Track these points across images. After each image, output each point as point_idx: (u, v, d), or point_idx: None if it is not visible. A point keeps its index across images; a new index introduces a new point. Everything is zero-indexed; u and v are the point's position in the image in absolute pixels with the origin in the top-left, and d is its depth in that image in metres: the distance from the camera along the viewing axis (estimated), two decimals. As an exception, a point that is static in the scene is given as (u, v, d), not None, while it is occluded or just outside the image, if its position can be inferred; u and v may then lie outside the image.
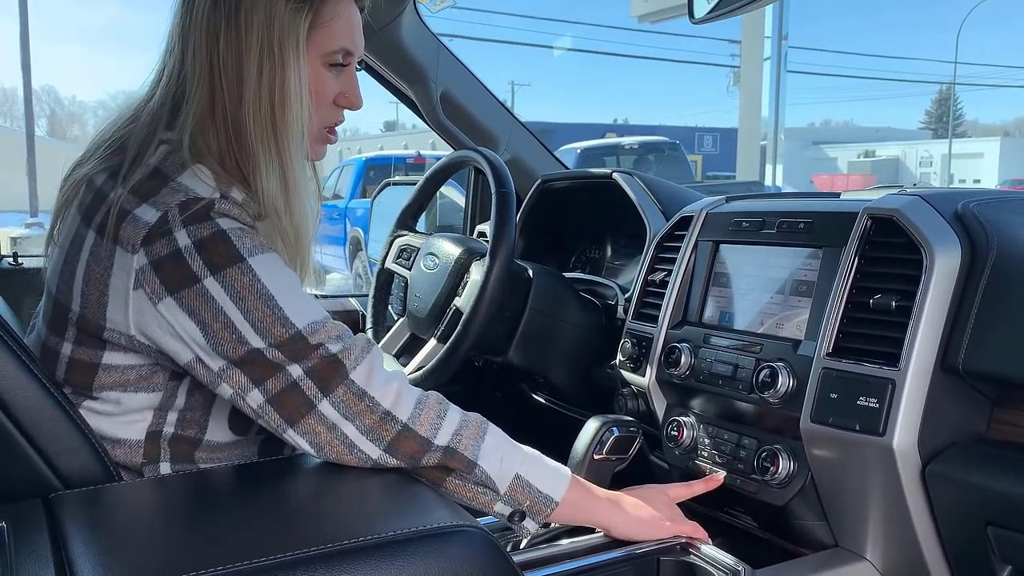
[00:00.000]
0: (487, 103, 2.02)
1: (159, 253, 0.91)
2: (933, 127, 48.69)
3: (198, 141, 0.97)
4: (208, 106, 0.98)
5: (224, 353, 0.91)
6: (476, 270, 1.54)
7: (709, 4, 1.45)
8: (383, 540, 0.78)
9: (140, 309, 0.92)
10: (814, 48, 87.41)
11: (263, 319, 0.91)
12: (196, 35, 0.97)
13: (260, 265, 0.92)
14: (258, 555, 0.73)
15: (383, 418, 0.94)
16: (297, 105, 0.98)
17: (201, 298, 0.90)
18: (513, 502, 1.01)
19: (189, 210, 0.91)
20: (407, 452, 0.95)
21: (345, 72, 1.06)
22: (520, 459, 1.01)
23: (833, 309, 1.13)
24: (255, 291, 0.91)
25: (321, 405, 0.92)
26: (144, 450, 0.99)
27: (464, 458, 0.98)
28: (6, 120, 41.23)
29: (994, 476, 1.00)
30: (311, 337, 0.92)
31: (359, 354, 0.95)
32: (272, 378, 0.91)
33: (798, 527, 1.21)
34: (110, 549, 0.80)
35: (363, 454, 0.94)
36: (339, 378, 0.93)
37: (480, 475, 0.99)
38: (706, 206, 1.42)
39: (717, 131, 28.31)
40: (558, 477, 1.04)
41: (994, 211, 1.10)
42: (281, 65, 0.97)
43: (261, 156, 0.97)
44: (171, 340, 0.93)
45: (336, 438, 0.93)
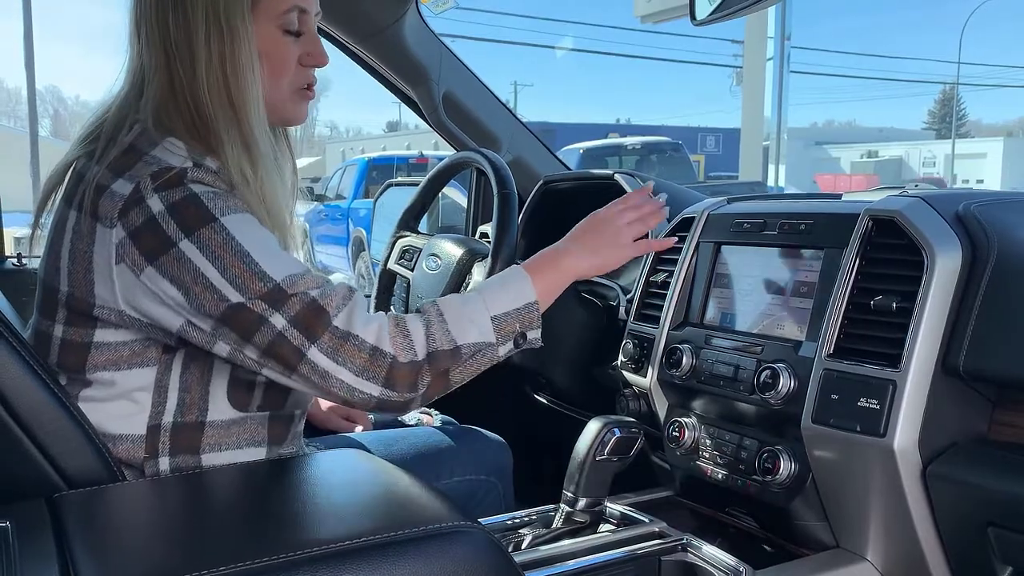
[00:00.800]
0: (489, 104, 2.02)
1: (135, 223, 0.92)
2: (936, 127, 48.62)
3: (164, 121, 1.00)
4: (167, 87, 1.00)
5: (209, 312, 0.93)
6: (478, 271, 1.54)
7: (711, 6, 1.45)
8: (384, 541, 0.78)
9: (126, 283, 0.94)
10: (817, 48, 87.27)
11: (240, 275, 0.92)
12: (148, 21, 1.00)
13: (233, 224, 0.94)
14: (260, 556, 0.74)
15: (372, 354, 0.95)
16: (250, 74, 1.01)
17: (178, 262, 0.92)
18: (507, 336, 1.04)
19: (161, 178, 0.93)
20: (405, 381, 0.97)
21: (305, 33, 1.07)
22: (483, 305, 1.03)
23: (834, 310, 1.13)
24: (230, 248, 0.92)
25: (310, 352, 0.94)
26: (146, 444, 0.99)
27: (446, 352, 0.99)
28: (10, 120, 41.32)
29: (995, 477, 1.00)
30: (290, 288, 0.94)
31: (340, 300, 0.96)
32: (259, 332, 0.93)
33: (799, 528, 1.21)
34: (113, 549, 0.80)
35: (364, 394, 0.96)
36: (323, 324, 0.94)
37: (468, 349, 1.00)
38: (708, 207, 1.42)
39: (720, 131, 28.26)
40: (520, 282, 1.07)
41: (995, 212, 1.10)
42: (230, 37, 0.99)
43: (222, 128, 0.99)
44: (160, 308, 0.94)
45: (333, 384, 0.95)
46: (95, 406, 0.99)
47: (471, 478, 1.39)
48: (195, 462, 1.01)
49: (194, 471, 1.01)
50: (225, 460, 1.02)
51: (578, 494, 1.22)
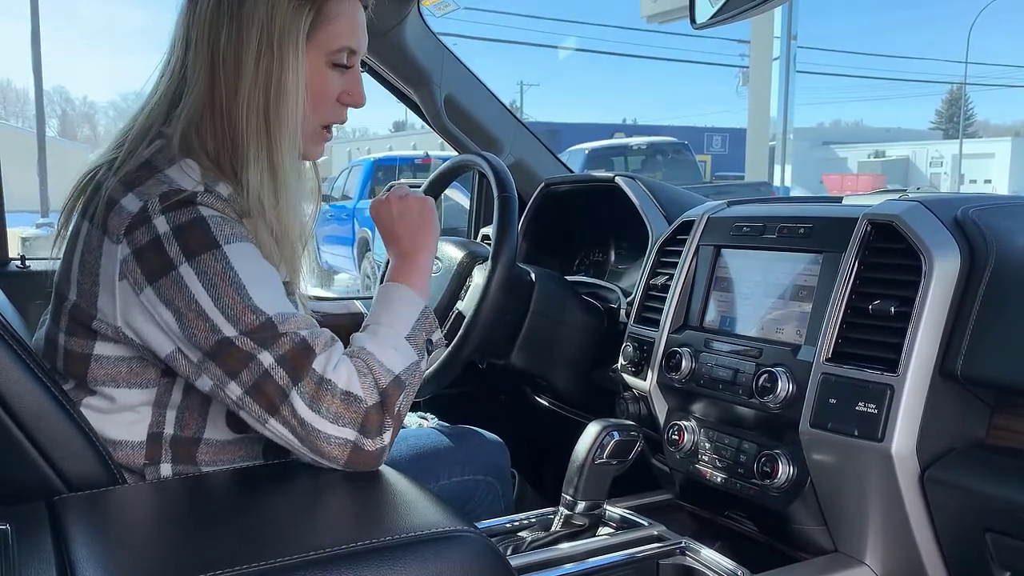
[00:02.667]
0: (491, 107, 2.03)
1: (140, 242, 0.92)
2: (944, 127, 48.43)
3: (191, 135, 0.99)
4: (207, 100, 0.99)
5: (198, 344, 0.92)
6: (478, 274, 1.54)
7: (712, 8, 1.45)
8: (381, 544, 0.78)
9: (125, 300, 0.94)
10: (823, 48, 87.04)
11: (233, 306, 0.91)
12: (199, 31, 0.99)
13: (234, 252, 0.93)
14: (258, 559, 0.74)
15: (344, 398, 0.94)
16: (293, 102, 1.00)
17: (176, 286, 0.91)
18: (421, 349, 1.04)
19: (169, 200, 0.93)
20: (374, 425, 0.95)
21: (349, 71, 1.07)
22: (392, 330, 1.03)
23: (833, 314, 1.13)
24: (227, 278, 0.92)
25: (292, 396, 0.92)
26: (146, 451, 1.00)
27: (392, 383, 0.98)
28: (18, 121, 41.48)
29: (993, 482, 1.00)
30: (281, 325, 0.93)
31: (324, 343, 0.95)
32: (246, 369, 0.92)
33: (797, 532, 1.21)
34: (112, 552, 0.81)
35: (340, 439, 0.93)
36: (307, 364, 0.93)
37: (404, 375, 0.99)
38: (708, 210, 1.42)
39: (726, 131, 28.22)
40: (402, 296, 1.07)
41: (993, 217, 1.10)
42: (279, 61, 0.98)
43: (252, 150, 0.98)
44: (154, 330, 0.94)
45: (311, 433, 0.93)
46: (97, 415, 1.00)
47: (469, 478, 1.39)
48: (195, 471, 1.02)
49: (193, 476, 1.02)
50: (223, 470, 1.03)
51: (577, 497, 1.23)
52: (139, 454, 1.00)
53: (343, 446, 0.94)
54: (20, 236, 8.31)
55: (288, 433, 0.94)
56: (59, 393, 0.95)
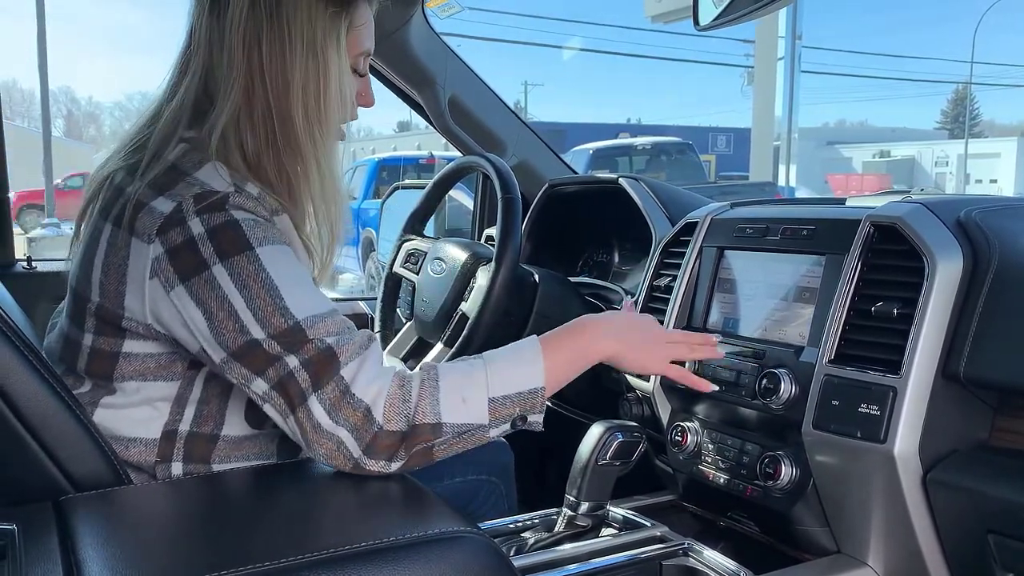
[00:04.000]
0: (495, 108, 2.03)
1: (174, 242, 0.93)
2: (949, 127, 48.31)
3: (230, 138, 1.00)
4: (245, 105, 1.00)
5: (225, 344, 0.93)
6: (482, 275, 1.55)
7: (716, 10, 1.45)
8: (386, 545, 0.79)
9: (155, 297, 0.95)
10: (828, 48, 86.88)
11: (264, 308, 0.92)
12: (232, 36, 0.99)
13: (267, 255, 0.94)
14: (263, 560, 0.74)
15: (365, 415, 0.93)
16: (338, 103, 1.03)
17: (208, 286, 0.92)
18: (503, 420, 0.98)
19: (204, 201, 0.94)
20: (382, 451, 0.93)
21: (365, 74, 1.11)
22: (484, 382, 0.97)
23: (835, 316, 1.13)
24: (259, 280, 0.93)
25: (310, 400, 0.92)
26: (159, 448, 1.01)
27: (428, 426, 0.94)
28: (24, 121, 41.57)
29: (995, 484, 1.00)
30: (309, 330, 0.93)
31: (355, 350, 0.95)
32: (271, 368, 0.93)
33: (800, 533, 1.21)
34: (119, 552, 0.81)
35: (347, 451, 0.93)
36: (331, 372, 0.93)
37: (450, 428, 0.95)
38: (711, 212, 1.43)
39: (731, 131, 28.19)
40: (530, 363, 0.99)
41: (996, 219, 1.11)
42: (324, 65, 1.01)
43: (308, 152, 1.02)
44: (181, 329, 0.96)
45: (323, 436, 0.93)
46: (114, 412, 1.01)
47: (473, 478, 1.39)
48: (206, 470, 1.02)
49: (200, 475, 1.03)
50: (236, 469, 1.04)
51: (580, 498, 1.23)
52: (152, 451, 1.01)
53: (348, 459, 0.94)
54: (26, 236, 8.34)
55: (299, 432, 0.95)
56: (66, 394, 0.95)
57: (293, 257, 0.99)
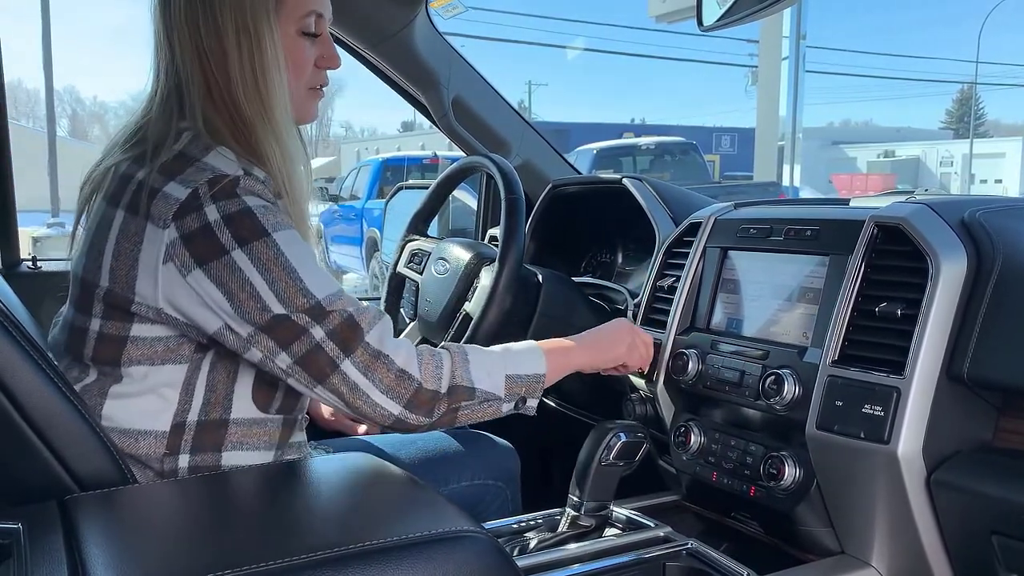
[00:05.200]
0: (499, 108, 2.03)
1: (190, 227, 0.96)
2: (954, 127, 48.17)
3: (211, 124, 1.04)
4: (205, 91, 1.05)
5: (251, 319, 0.97)
6: (485, 275, 1.55)
7: (720, 10, 1.45)
8: (389, 545, 0.79)
9: (169, 281, 0.98)
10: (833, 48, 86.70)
11: (286, 289, 0.97)
12: (179, 28, 1.05)
13: (283, 240, 0.99)
14: (268, 559, 0.75)
15: (399, 376, 1.02)
16: (276, 74, 1.06)
17: (228, 269, 0.96)
18: (513, 396, 1.12)
19: (217, 186, 0.97)
20: (423, 406, 1.04)
21: (320, 36, 1.13)
22: (501, 362, 1.12)
23: (839, 316, 1.13)
24: (279, 263, 0.98)
25: (344, 365, 0.99)
26: (168, 440, 1.02)
27: (464, 388, 1.07)
28: (29, 121, 41.65)
29: (999, 485, 1.00)
30: (329, 305, 0.99)
31: (373, 319, 1.02)
32: (297, 341, 0.98)
33: (804, 533, 1.21)
34: (123, 551, 0.82)
35: (384, 411, 1.02)
36: (357, 339, 1.00)
37: (481, 395, 1.08)
38: (715, 212, 1.43)
39: (735, 131, 28.13)
40: (533, 355, 1.16)
41: (1000, 219, 1.10)
42: (257, 39, 1.04)
43: (260, 128, 1.05)
44: (200, 310, 0.98)
45: (359, 397, 1.01)
46: (124, 403, 1.02)
47: (479, 483, 1.40)
48: (214, 460, 1.04)
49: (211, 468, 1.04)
50: (242, 460, 1.05)
51: (584, 498, 1.23)
52: (160, 444, 1.02)
53: (386, 417, 1.03)
54: (31, 236, 8.35)
55: (335, 398, 1.01)
56: (70, 393, 0.96)
57: (303, 240, 1.03)
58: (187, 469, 1.03)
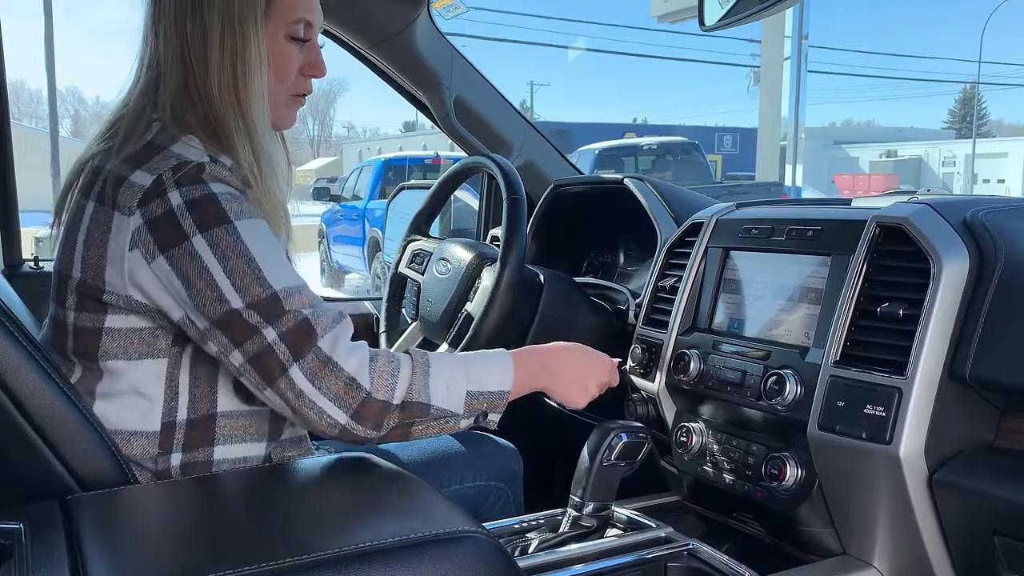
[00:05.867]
0: (500, 108, 2.03)
1: (154, 213, 0.97)
2: (957, 127, 48.13)
3: (179, 116, 1.04)
4: (182, 83, 1.05)
5: (206, 313, 0.97)
6: (487, 276, 1.55)
7: (722, 10, 1.45)
8: (391, 545, 0.79)
9: (134, 268, 0.98)
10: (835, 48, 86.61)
11: (242, 278, 0.96)
12: (166, 19, 1.05)
13: (245, 228, 0.98)
14: (269, 559, 0.75)
15: (348, 383, 0.99)
16: (258, 75, 1.06)
17: (188, 256, 0.96)
18: (472, 413, 1.09)
19: (181, 171, 0.98)
20: (371, 418, 1.00)
21: (308, 43, 1.13)
22: (464, 376, 1.08)
23: (841, 317, 1.13)
24: (237, 251, 0.97)
25: (292, 370, 0.97)
26: (160, 440, 1.02)
27: (419, 404, 1.03)
28: (31, 121, 41.69)
29: (1001, 485, 0.99)
30: (286, 301, 0.98)
31: (329, 323, 1.00)
32: (249, 340, 0.97)
33: (806, 534, 1.21)
34: (125, 552, 0.82)
35: (331, 419, 0.99)
36: (309, 344, 0.98)
37: (437, 412, 1.05)
38: (716, 212, 1.42)
39: (737, 131, 28.12)
40: (502, 369, 1.12)
41: (1003, 219, 1.10)
42: (242, 39, 1.04)
43: (232, 124, 1.04)
44: (164, 296, 0.99)
45: (305, 404, 0.98)
46: (112, 403, 1.02)
47: (481, 484, 1.40)
48: (206, 455, 1.04)
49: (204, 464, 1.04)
50: (234, 454, 1.05)
51: (585, 498, 1.23)
52: (153, 443, 1.02)
53: (332, 425, 1.00)
54: (34, 236, 8.36)
55: (282, 403, 0.99)
56: (71, 393, 0.96)
57: (268, 231, 1.03)
58: (180, 467, 1.03)
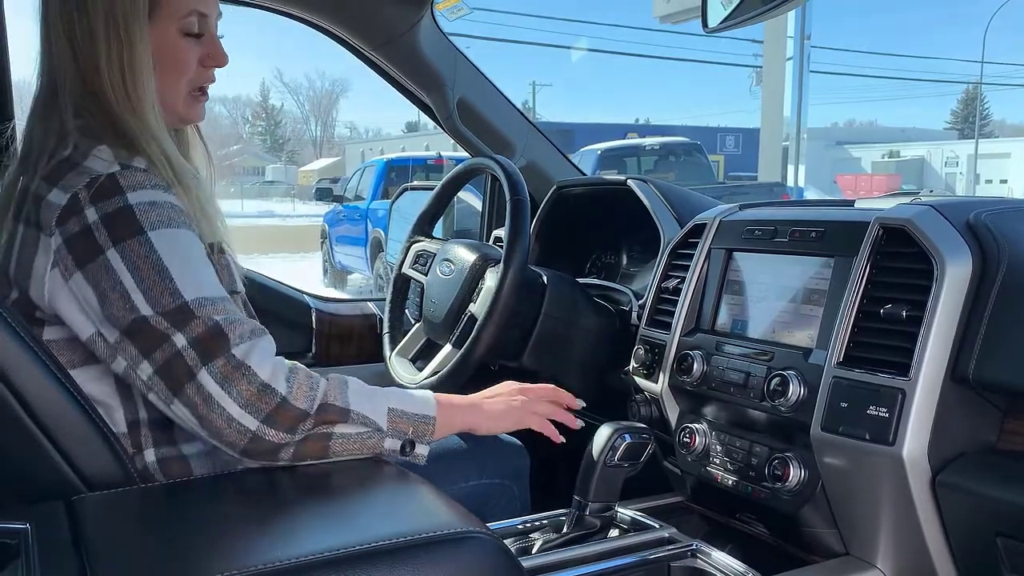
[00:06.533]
0: (503, 109, 2.04)
1: (71, 231, 0.97)
2: (959, 127, 48.10)
3: (87, 124, 1.04)
4: (79, 85, 1.05)
5: (116, 322, 0.96)
6: (491, 277, 1.55)
7: (724, 11, 1.45)
8: (394, 545, 0.79)
9: (53, 286, 0.98)
10: (838, 48, 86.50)
11: (153, 288, 0.96)
12: (55, 28, 1.05)
13: (159, 238, 0.97)
14: (274, 559, 0.75)
15: (261, 389, 0.96)
16: (147, 75, 1.05)
17: (103, 269, 0.96)
18: (398, 433, 1.06)
19: (95, 186, 0.97)
20: (285, 422, 0.97)
21: (206, 35, 1.11)
22: (385, 395, 1.08)
23: (844, 318, 1.13)
24: (150, 262, 0.96)
25: (200, 374, 0.95)
26: (131, 439, 1.03)
27: (337, 408, 1.01)
28: (34, 121, 41.56)
29: (1004, 487, 1.00)
30: (198, 311, 0.96)
31: (244, 332, 0.98)
32: (159, 349, 0.95)
33: (809, 535, 1.21)
34: (130, 552, 0.82)
35: (241, 426, 0.95)
36: (220, 349, 0.96)
37: (357, 418, 1.02)
38: (720, 214, 1.43)
39: (739, 131, 28.13)
40: (424, 398, 1.12)
41: (1006, 221, 1.10)
42: (128, 41, 1.03)
43: (131, 125, 1.03)
44: (76, 314, 0.99)
45: (213, 410, 0.95)
46: None
47: (486, 482, 1.40)
48: (177, 451, 1.04)
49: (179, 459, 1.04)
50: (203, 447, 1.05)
51: (588, 499, 1.23)
52: (126, 443, 1.03)
53: (243, 433, 0.96)
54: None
55: (189, 413, 0.96)
56: (78, 393, 0.96)
57: (189, 240, 1.01)
58: (156, 463, 1.04)
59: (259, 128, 57.66)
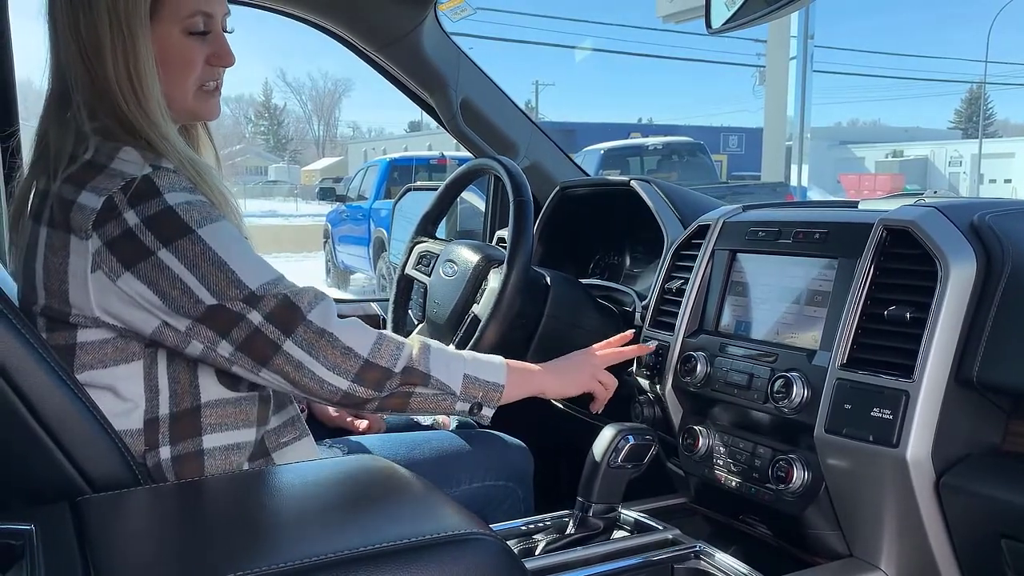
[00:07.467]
0: (506, 110, 2.03)
1: (112, 234, 0.97)
2: (963, 127, 48.01)
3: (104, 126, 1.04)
4: (90, 93, 1.05)
5: (186, 312, 0.98)
6: (494, 278, 1.55)
7: (727, 13, 1.45)
8: (397, 547, 0.79)
9: (101, 289, 0.98)
10: (841, 48, 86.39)
11: (217, 283, 0.98)
12: (62, 31, 1.05)
13: (210, 234, 0.99)
14: (278, 561, 0.75)
15: (344, 352, 1.04)
16: (151, 78, 1.05)
17: (157, 268, 0.97)
18: (469, 398, 1.14)
19: (131, 190, 0.97)
20: (372, 381, 1.06)
21: (212, 34, 1.11)
22: (463, 362, 1.15)
23: (848, 320, 1.13)
24: (207, 258, 0.98)
25: (286, 345, 1.00)
26: (145, 438, 1.03)
27: (420, 372, 1.10)
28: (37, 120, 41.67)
29: (1008, 488, 1.00)
30: (263, 292, 1.01)
31: (312, 299, 1.04)
32: (236, 328, 0.99)
33: (812, 536, 1.21)
34: (135, 553, 0.82)
35: (332, 387, 1.04)
36: (297, 319, 1.01)
37: (435, 383, 1.11)
38: (723, 215, 1.43)
39: (743, 131, 28.10)
40: (497, 366, 1.19)
41: (1010, 222, 1.10)
42: (132, 43, 1.03)
43: (144, 127, 1.04)
44: (135, 311, 0.99)
45: (305, 376, 1.02)
46: None
47: (490, 483, 1.40)
48: (195, 446, 1.05)
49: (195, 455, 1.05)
50: (224, 442, 1.06)
51: (592, 500, 1.23)
52: (138, 441, 1.03)
53: (334, 392, 1.05)
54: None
55: (280, 378, 1.03)
56: (82, 395, 0.96)
57: (234, 231, 1.03)
58: (170, 460, 1.04)
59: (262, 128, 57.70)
